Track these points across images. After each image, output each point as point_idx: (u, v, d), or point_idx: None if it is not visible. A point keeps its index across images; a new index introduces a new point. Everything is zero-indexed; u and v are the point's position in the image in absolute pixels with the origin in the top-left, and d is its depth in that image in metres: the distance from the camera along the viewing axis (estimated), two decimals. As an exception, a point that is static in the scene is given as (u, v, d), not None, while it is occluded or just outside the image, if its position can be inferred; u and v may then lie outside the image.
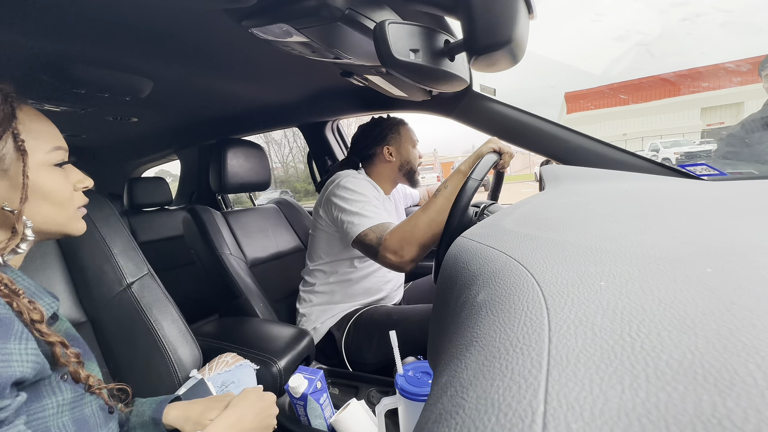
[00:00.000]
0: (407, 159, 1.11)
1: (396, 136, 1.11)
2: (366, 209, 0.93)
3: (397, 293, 1.17)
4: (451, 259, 0.33)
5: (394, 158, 1.11)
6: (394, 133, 1.11)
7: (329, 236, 1.05)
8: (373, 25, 0.54)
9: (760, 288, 0.16)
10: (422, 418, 0.19)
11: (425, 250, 0.86)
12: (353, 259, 1.06)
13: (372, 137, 1.12)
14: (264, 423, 0.57)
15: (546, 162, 0.92)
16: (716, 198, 0.37)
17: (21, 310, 0.39)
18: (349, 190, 0.97)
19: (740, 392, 0.11)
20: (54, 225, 0.48)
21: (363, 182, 1.01)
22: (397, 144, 1.11)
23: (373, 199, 0.98)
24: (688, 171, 0.76)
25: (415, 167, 1.12)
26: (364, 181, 1.02)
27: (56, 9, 0.57)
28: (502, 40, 0.45)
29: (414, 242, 0.85)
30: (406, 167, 1.11)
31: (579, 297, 0.18)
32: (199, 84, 1.00)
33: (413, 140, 1.13)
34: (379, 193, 1.06)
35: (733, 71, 3.72)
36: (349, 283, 1.06)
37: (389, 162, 1.11)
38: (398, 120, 1.14)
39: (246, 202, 2.52)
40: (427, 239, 0.85)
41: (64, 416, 0.43)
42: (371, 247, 0.89)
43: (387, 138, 1.11)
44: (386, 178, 1.13)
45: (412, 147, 1.12)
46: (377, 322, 0.97)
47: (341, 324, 1.03)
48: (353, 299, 1.07)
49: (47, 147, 0.46)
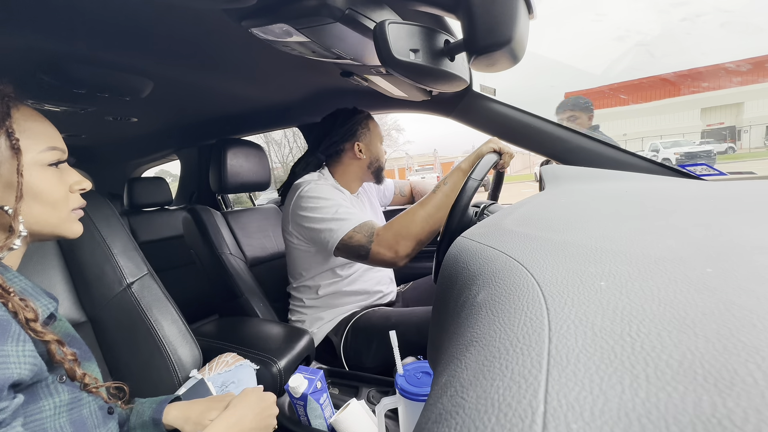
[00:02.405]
0: (377, 156, 1.07)
1: (366, 132, 1.05)
2: (340, 212, 0.90)
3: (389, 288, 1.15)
4: (451, 259, 0.33)
5: (365, 155, 1.05)
6: (364, 128, 1.05)
7: (304, 253, 1.01)
8: (373, 25, 0.54)
9: (760, 288, 0.16)
10: (422, 418, 0.19)
11: (420, 246, 0.85)
12: (334, 268, 1.03)
13: (341, 133, 1.05)
14: (264, 423, 0.57)
15: (546, 162, 0.92)
16: (716, 198, 0.37)
17: (16, 310, 0.39)
18: (314, 198, 0.93)
19: (740, 392, 0.11)
20: (46, 226, 0.47)
21: (324, 187, 0.96)
22: (367, 140, 1.05)
23: (342, 200, 0.94)
24: (688, 171, 0.76)
25: (383, 164, 1.09)
26: (325, 185, 0.98)
27: (56, 9, 0.57)
28: (502, 40, 0.45)
29: (410, 237, 0.83)
30: (375, 165, 1.07)
31: (579, 297, 0.18)
32: (199, 84, 1.00)
33: (381, 136, 1.10)
34: (345, 195, 1.03)
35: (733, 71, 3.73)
36: (337, 295, 1.04)
37: (359, 159, 1.05)
38: (366, 114, 1.08)
39: (246, 202, 2.53)
40: (424, 235, 0.84)
41: (62, 418, 0.43)
42: (360, 247, 0.86)
43: (357, 134, 1.04)
44: (353, 177, 1.08)
45: (380, 143, 1.09)
46: (375, 326, 0.96)
47: (338, 329, 1.02)
48: (346, 304, 1.05)
49: (41, 146, 0.46)
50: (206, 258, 1.15)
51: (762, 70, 21.02)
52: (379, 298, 1.10)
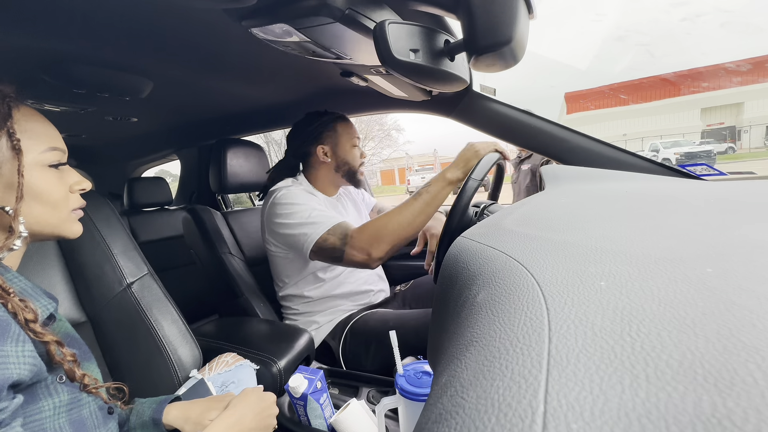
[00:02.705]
0: (344, 159, 1.04)
1: (332, 134, 1.04)
2: (313, 216, 0.89)
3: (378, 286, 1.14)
4: (451, 259, 0.33)
5: (330, 158, 1.04)
6: (330, 130, 1.04)
7: (283, 259, 1.01)
8: (373, 25, 0.54)
9: (760, 288, 0.16)
10: (422, 418, 0.19)
11: (395, 250, 0.85)
12: (316, 272, 1.02)
13: (305, 134, 1.05)
14: (264, 423, 0.57)
15: (546, 162, 0.92)
16: (716, 198, 0.37)
17: (15, 310, 0.39)
18: (286, 204, 0.93)
19: (740, 392, 0.11)
20: (46, 226, 0.47)
21: (297, 192, 0.96)
22: (333, 142, 1.04)
23: (315, 204, 0.94)
24: (688, 171, 0.76)
25: (355, 168, 1.06)
26: (297, 190, 0.97)
27: (56, 9, 0.57)
28: (502, 40, 0.45)
29: (384, 240, 0.83)
30: (345, 167, 1.05)
31: (579, 297, 0.18)
32: (199, 84, 1.00)
33: (353, 139, 1.06)
34: (319, 198, 1.02)
35: (733, 71, 3.74)
36: (326, 299, 1.04)
37: (324, 163, 1.04)
38: (336, 116, 1.06)
39: (246, 202, 2.52)
40: (399, 239, 0.83)
41: (61, 418, 0.43)
42: (334, 249, 0.86)
43: (322, 136, 1.03)
44: (325, 180, 1.07)
45: (351, 146, 1.05)
46: (373, 329, 0.95)
47: (335, 333, 1.01)
48: (338, 306, 1.05)
49: (42, 147, 0.46)
50: (206, 258, 1.15)
51: (762, 70, 21.03)
52: (371, 297, 1.09)
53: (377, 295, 1.13)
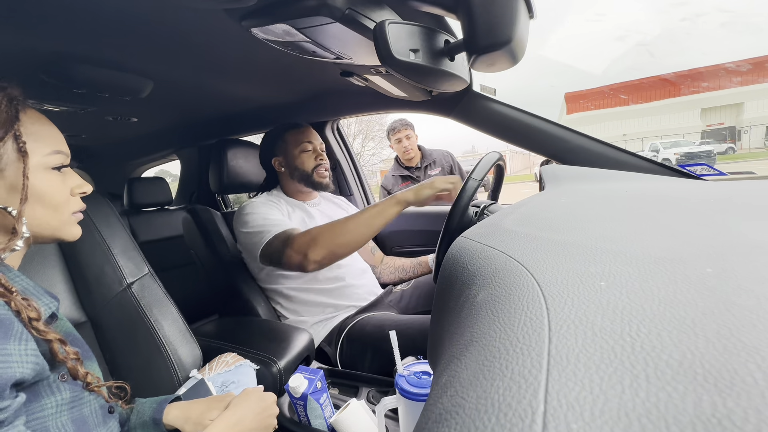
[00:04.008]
0: (295, 165, 1.09)
1: (281, 145, 1.10)
2: (265, 223, 0.94)
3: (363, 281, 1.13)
4: (451, 259, 0.33)
5: (285, 168, 1.10)
6: (280, 141, 1.10)
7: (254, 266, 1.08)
8: (373, 25, 0.54)
9: (760, 288, 0.16)
10: (422, 418, 0.19)
11: (333, 257, 0.87)
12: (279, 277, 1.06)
13: (264, 154, 1.13)
14: (264, 423, 0.57)
15: (546, 162, 0.92)
16: (716, 198, 0.37)
17: (18, 308, 0.40)
18: (245, 213, 0.99)
19: (740, 392, 0.11)
20: (47, 228, 0.48)
21: (257, 203, 1.01)
22: (284, 151, 1.10)
23: (273, 212, 0.98)
24: (688, 171, 0.76)
25: (306, 172, 1.09)
26: (258, 201, 1.02)
27: (56, 9, 0.57)
28: (502, 40, 0.45)
29: (322, 244, 0.85)
30: (297, 174, 1.09)
31: (579, 297, 0.18)
32: (199, 84, 1.00)
33: (302, 144, 1.09)
34: (281, 206, 1.05)
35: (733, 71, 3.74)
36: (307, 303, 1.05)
37: (282, 173, 1.11)
38: (286, 126, 1.12)
39: (246, 202, 2.52)
40: (338, 246, 0.86)
41: (63, 416, 0.43)
42: (276, 252, 0.90)
43: (274, 149, 1.11)
44: (291, 189, 1.13)
45: (300, 152, 1.09)
46: (370, 335, 0.94)
47: (331, 339, 1.01)
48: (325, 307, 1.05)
49: (46, 150, 0.46)
50: (206, 258, 1.15)
51: (762, 70, 21.04)
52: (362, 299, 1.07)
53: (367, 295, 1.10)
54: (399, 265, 1.28)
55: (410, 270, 1.26)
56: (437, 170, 2.05)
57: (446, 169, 2.07)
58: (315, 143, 1.12)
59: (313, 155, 1.10)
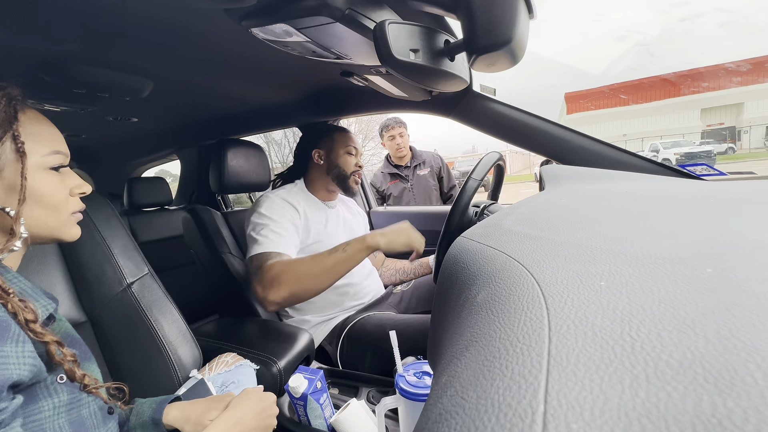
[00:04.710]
0: (336, 163, 1.10)
1: (328, 140, 1.12)
2: (265, 234, 0.93)
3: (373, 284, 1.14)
4: (451, 259, 0.33)
5: (323, 161, 1.11)
6: (327, 137, 1.13)
7: None
8: (373, 25, 0.54)
9: (760, 288, 0.16)
10: (422, 418, 0.19)
11: (294, 300, 0.88)
12: None
13: (305, 142, 1.16)
14: (264, 423, 0.57)
15: (546, 162, 0.92)
16: (716, 198, 0.37)
17: (15, 311, 0.39)
18: (260, 214, 0.98)
19: (740, 392, 0.11)
20: (46, 229, 0.47)
21: (274, 203, 1.00)
22: (328, 147, 1.11)
23: (282, 221, 0.97)
24: (688, 171, 0.76)
25: (346, 173, 1.10)
26: (276, 199, 1.02)
27: (56, 9, 0.57)
28: (502, 40, 0.45)
29: (284, 286, 0.85)
30: (335, 171, 1.10)
31: (579, 297, 0.18)
32: (199, 84, 1.00)
33: (348, 147, 1.12)
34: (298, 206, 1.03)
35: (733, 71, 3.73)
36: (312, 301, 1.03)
37: (319, 165, 1.12)
38: (335, 126, 1.16)
39: (246, 202, 2.52)
40: (300, 290, 0.85)
41: (61, 418, 0.43)
42: (252, 272, 0.90)
43: (319, 142, 1.13)
44: (318, 184, 1.14)
45: (345, 153, 1.11)
46: (370, 335, 0.95)
47: (332, 338, 1.01)
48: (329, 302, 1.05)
49: (45, 150, 0.46)
50: (206, 258, 1.15)
51: (762, 70, 21.02)
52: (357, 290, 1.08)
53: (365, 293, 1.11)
54: (399, 267, 1.28)
55: (411, 272, 1.26)
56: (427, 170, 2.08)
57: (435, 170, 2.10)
58: (358, 150, 1.15)
59: (354, 160, 1.13)
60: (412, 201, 2.04)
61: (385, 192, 2.09)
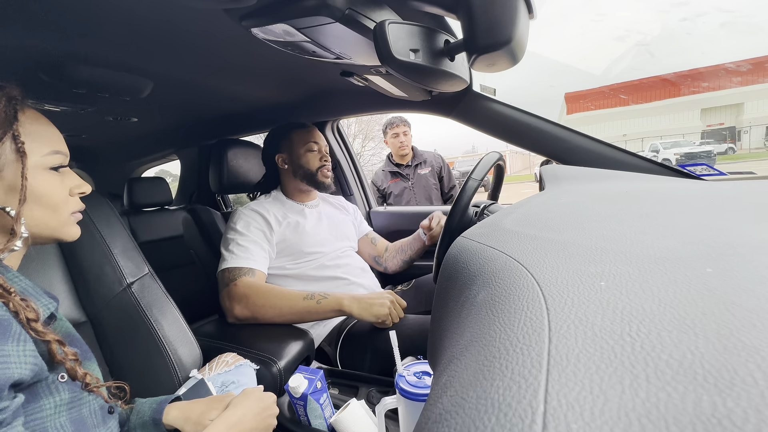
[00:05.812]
0: (299, 163, 1.09)
1: (287, 143, 1.11)
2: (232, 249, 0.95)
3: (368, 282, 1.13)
4: (451, 259, 0.33)
5: (288, 165, 1.11)
6: (285, 140, 1.11)
7: None
8: (373, 25, 0.54)
9: (760, 288, 0.16)
10: (422, 418, 0.19)
11: (255, 321, 0.90)
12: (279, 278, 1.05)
13: (268, 150, 1.14)
14: (264, 423, 0.57)
15: (546, 162, 0.92)
16: (716, 198, 0.37)
17: (17, 309, 0.39)
18: (231, 229, 1.00)
19: (740, 392, 0.11)
20: (46, 229, 0.48)
21: (246, 215, 1.02)
22: (289, 149, 1.10)
23: (250, 233, 0.98)
24: (688, 171, 0.76)
25: (311, 170, 1.09)
26: (249, 212, 1.03)
27: (56, 9, 0.57)
28: (502, 40, 0.45)
29: (251, 307, 0.89)
30: (300, 171, 1.09)
31: (579, 297, 0.18)
32: (199, 84, 1.00)
33: (308, 144, 1.10)
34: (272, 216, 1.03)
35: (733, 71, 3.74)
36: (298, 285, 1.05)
37: (284, 169, 1.11)
38: (291, 125, 1.13)
39: (246, 202, 2.52)
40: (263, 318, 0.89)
41: (62, 416, 0.43)
42: (222, 284, 0.93)
43: (278, 146, 1.11)
44: (291, 187, 1.13)
45: (306, 151, 1.10)
46: (369, 335, 0.95)
47: (331, 339, 1.01)
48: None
49: (44, 150, 0.46)
50: (206, 258, 1.15)
51: (762, 70, 21.02)
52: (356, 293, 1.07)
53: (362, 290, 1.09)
54: (399, 247, 1.26)
55: (408, 247, 1.23)
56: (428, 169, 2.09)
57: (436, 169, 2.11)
58: (320, 144, 1.13)
59: (318, 155, 1.11)
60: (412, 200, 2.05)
61: (386, 190, 2.10)
